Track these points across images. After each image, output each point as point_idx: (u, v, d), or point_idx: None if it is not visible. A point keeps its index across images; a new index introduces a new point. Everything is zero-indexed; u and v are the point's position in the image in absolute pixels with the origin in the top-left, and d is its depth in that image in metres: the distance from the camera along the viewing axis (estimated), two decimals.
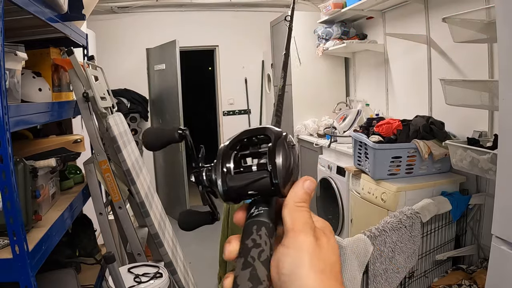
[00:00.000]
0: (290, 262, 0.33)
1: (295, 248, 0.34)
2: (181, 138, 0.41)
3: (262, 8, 5.06)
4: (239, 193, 0.38)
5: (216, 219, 0.40)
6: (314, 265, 0.33)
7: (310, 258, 0.34)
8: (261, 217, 0.36)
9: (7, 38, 1.12)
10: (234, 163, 0.39)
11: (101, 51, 3.92)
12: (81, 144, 1.82)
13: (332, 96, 4.22)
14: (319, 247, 0.35)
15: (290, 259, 0.34)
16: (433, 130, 2.49)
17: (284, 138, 0.39)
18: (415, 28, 2.99)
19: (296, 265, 0.33)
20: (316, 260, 0.34)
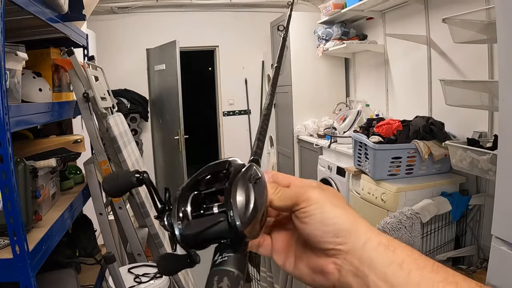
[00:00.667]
0: (332, 219, 0.35)
1: (322, 208, 0.36)
2: (140, 182, 0.37)
3: (262, 8, 5.06)
4: (199, 241, 0.34)
5: (195, 262, 0.35)
6: (346, 207, 0.37)
7: (343, 205, 0.37)
8: (225, 265, 0.32)
9: (7, 38, 1.12)
10: (193, 206, 0.35)
11: (101, 52, 3.92)
12: (81, 144, 1.82)
13: (332, 96, 4.22)
14: (334, 195, 0.38)
15: (331, 219, 0.35)
16: (433, 131, 2.49)
17: (244, 172, 0.35)
18: (415, 28, 2.99)
19: (337, 217, 0.35)
20: (344, 203, 0.37)
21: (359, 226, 0.35)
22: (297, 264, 0.40)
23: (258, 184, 0.35)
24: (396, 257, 0.33)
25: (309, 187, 0.37)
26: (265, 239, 0.41)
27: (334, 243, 0.35)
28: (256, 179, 0.36)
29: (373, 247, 0.34)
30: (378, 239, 0.35)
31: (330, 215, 0.35)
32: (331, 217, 0.35)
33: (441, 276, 0.32)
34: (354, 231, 0.35)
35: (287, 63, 4.23)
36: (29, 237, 1.17)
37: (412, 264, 0.33)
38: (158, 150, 5.07)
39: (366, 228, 0.35)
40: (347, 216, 0.36)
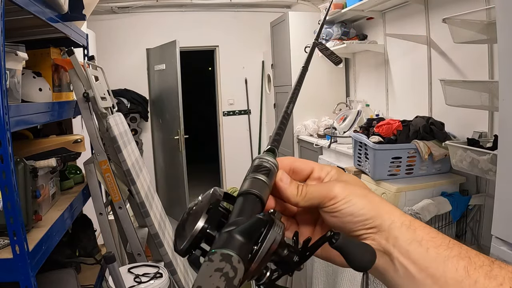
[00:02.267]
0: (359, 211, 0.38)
1: (350, 202, 0.38)
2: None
3: (262, 8, 5.06)
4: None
5: None
6: (369, 194, 0.39)
7: (366, 193, 0.39)
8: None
9: (7, 38, 1.12)
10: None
11: (101, 51, 3.92)
12: (81, 144, 1.82)
13: (332, 96, 4.22)
14: (356, 185, 0.40)
15: (359, 211, 0.38)
16: (433, 131, 2.49)
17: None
18: (415, 28, 2.99)
19: (363, 207, 0.38)
20: (366, 189, 0.40)
21: (383, 210, 0.38)
22: (324, 247, 0.40)
23: (273, 228, 0.33)
24: (416, 236, 0.37)
25: (333, 184, 0.39)
26: (291, 222, 0.44)
27: (363, 230, 0.38)
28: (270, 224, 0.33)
29: (396, 227, 0.37)
30: (401, 220, 0.38)
31: (358, 207, 0.38)
32: (359, 209, 0.38)
33: (455, 252, 0.35)
34: (380, 216, 0.38)
35: (287, 63, 4.23)
36: (29, 237, 1.17)
37: (430, 242, 0.36)
38: (158, 150, 5.07)
39: (390, 211, 0.38)
40: (373, 204, 0.38)
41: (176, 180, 4.66)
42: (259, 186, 0.37)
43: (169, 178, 4.89)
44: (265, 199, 0.37)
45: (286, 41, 4.22)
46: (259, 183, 0.38)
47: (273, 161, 0.41)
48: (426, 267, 0.35)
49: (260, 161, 0.41)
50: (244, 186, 0.38)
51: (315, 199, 0.39)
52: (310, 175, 0.43)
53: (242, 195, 0.37)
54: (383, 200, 0.40)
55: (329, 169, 0.43)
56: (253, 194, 0.36)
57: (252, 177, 0.39)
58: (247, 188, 0.37)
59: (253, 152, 5.31)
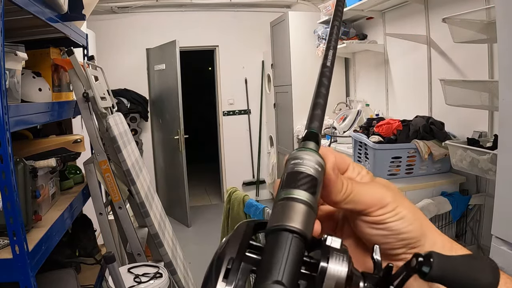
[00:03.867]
0: (407, 227, 0.32)
1: (398, 215, 0.32)
2: None
3: (262, 8, 5.06)
4: None
5: None
6: (412, 206, 0.33)
7: (410, 206, 0.33)
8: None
9: (7, 38, 1.12)
10: None
11: (101, 51, 3.92)
12: (81, 144, 1.82)
13: (332, 96, 4.18)
14: (400, 194, 0.34)
15: (406, 227, 0.32)
16: (433, 130, 2.49)
17: None
18: (415, 28, 2.99)
19: (411, 223, 0.32)
20: (407, 201, 0.34)
21: (427, 228, 0.33)
22: None
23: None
24: None
25: (385, 190, 0.33)
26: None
27: (403, 249, 0.33)
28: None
29: (439, 249, 0.32)
30: (442, 240, 0.33)
31: (407, 223, 0.32)
32: (407, 225, 0.32)
33: (502, 280, 0.31)
34: (424, 235, 0.33)
35: (287, 63, 4.23)
36: (28, 237, 1.17)
37: None
38: (158, 150, 5.07)
39: (432, 229, 0.34)
40: (419, 220, 0.33)
41: (176, 180, 4.65)
42: (300, 214, 0.26)
43: (169, 178, 4.89)
44: (310, 235, 0.26)
45: (286, 41, 4.22)
46: (299, 210, 0.26)
47: (318, 161, 0.29)
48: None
49: (297, 164, 0.28)
50: (275, 215, 0.26)
51: (360, 203, 0.32)
52: (344, 173, 0.35)
53: (272, 234, 0.25)
54: (423, 215, 0.34)
55: (360, 169, 0.36)
56: (290, 230, 0.25)
57: (287, 197, 0.27)
58: (280, 223, 0.25)
59: (253, 152, 5.32)
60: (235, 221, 2.39)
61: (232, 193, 2.45)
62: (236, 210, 2.37)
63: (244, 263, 0.26)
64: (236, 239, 0.27)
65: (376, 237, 0.32)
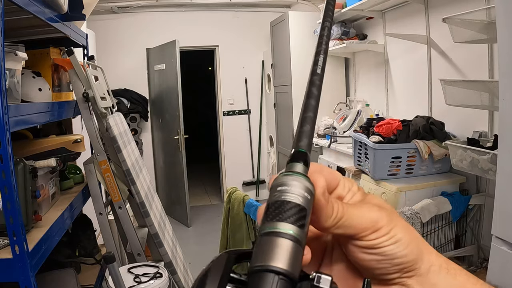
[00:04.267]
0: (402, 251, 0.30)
1: (394, 238, 0.30)
2: None
3: (262, 8, 5.06)
4: None
5: None
6: (408, 226, 0.31)
7: (406, 226, 0.31)
8: None
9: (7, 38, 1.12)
10: None
11: (101, 51, 3.92)
12: (81, 144, 1.82)
13: (332, 96, 4.22)
14: (395, 214, 0.31)
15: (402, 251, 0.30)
16: (433, 130, 2.49)
17: None
18: (415, 28, 2.99)
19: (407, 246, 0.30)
20: (402, 220, 0.31)
21: (424, 249, 0.31)
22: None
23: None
24: (458, 282, 0.31)
25: (379, 212, 0.30)
26: None
27: (398, 273, 0.30)
28: None
29: (436, 271, 0.31)
30: (439, 262, 0.31)
31: (403, 245, 0.30)
32: (404, 248, 0.30)
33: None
34: (420, 258, 0.30)
35: (287, 63, 4.23)
36: (28, 237, 1.17)
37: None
38: (158, 150, 5.07)
39: (429, 251, 0.31)
40: (416, 241, 0.31)
41: (176, 180, 4.65)
42: (287, 253, 0.23)
43: (169, 178, 4.89)
44: (297, 274, 0.23)
45: (286, 41, 4.21)
46: (285, 248, 0.23)
47: (306, 187, 0.25)
48: None
49: (283, 191, 0.25)
50: (258, 253, 0.23)
51: (352, 227, 0.29)
52: (334, 190, 0.32)
53: (255, 275, 0.22)
54: (419, 235, 0.32)
55: (350, 185, 0.33)
56: (276, 272, 0.22)
57: (272, 231, 0.23)
58: (264, 263, 0.22)
59: (253, 152, 5.32)
60: (235, 221, 2.39)
61: (232, 193, 2.45)
62: (236, 210, 2.37)
63: None
64: (217, 271, 0.24)
65: (369, 263, 0.30)
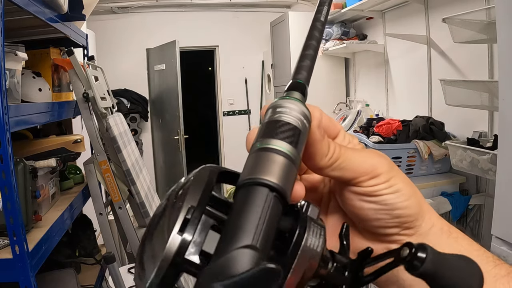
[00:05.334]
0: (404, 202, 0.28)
1: (395, 187, 0.28)
2: None
3: (262, 8, 5.06)
4: None
5: None
6: (412, 183, 0.29)
7: (409, 181, 0.29)
8: None
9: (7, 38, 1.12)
10: None
11: (101, 51, 3.92)
12: (81, 144, 1.82)
13: (332, 96, 4.22)
14: (397, 168, 0.29)
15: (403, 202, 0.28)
16: (433, 131, 2.49)
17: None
18: (415, 28, 2.99)
19: (409, 198, 0.28)
20: (406, 177, 0.29)
21: (425, 207, 0.29)
22: (329, 242, 0.32)
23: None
24: (460, 246, 0.29)
25: (378, 158, 0.28)
26: None
27: (400, 228, 0.29)
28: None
29: (436, 233, 0.29)
30: (440, 224, 0.30)
31: (404, 196, 0.28)
32: (405, 199, 0.28)
33: (504, 271, 0.29)
34: (422, 214, 0.29)
35: (287, 63, 4.23)
36: (28, 237, 1.17)
37: (476, 256, 0.28)
38: (158, 150, 5.07)
39: (430, 211, 0.30)
40: (417, 196, 0.29)
41: (176, 180, 4.62)
42: (280, 168, 0.21)
43: (169, 178, 4.89)
44: (290, 194, 0.21)
45: (286, 41, 4.22)
46: (278, 163, 0.21)
47: (303, 111, 0.25)
48: None
49: (278, 112, 0.23)
50: (248, 167, 0.22)
51: (348, 171, 0.27)
52: (334, 139, 0.31)
53: (245, 188, 0.21)
54: (421, 194, 0.30)
55: (351, 138, 0.31)
56: (269, 186, 0.20)
57: (263, 147, 0.22)
58: (256, 175, 0.20)
59: None
60: None
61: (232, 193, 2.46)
62: None
63: (205, 216, 0.21)
64: (198, 185, 0.22)
65: (366, 212, 0.28)
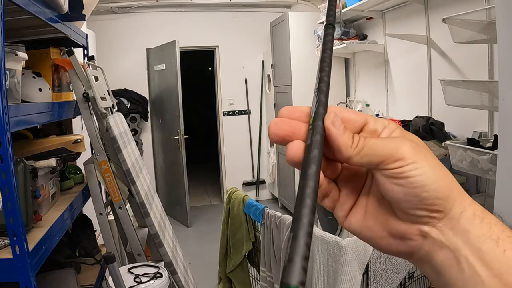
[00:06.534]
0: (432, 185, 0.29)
1: (422, 169, 0.29)
2: None
3: (262, 8, 5.06)
4: None
5: None
6: (442, 167, 0.31)
7: (439, 165, 0.30)
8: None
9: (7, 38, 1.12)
10: None
11: (101, 51, 3.92)
12: (81, 144, 1.82)
13: (332, 96, 4.20)
14: (427, 150, 0.31)
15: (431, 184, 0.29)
16: (433, 131, 2.49)
17: None
18: (415, 28, 2.99)
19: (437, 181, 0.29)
20: (437, 160, 0.31)
21: (456, 191, 0.30)
22: (367, 222, 0.34)
23: None
24: (492, 232, 0.29)
25: (401, 142, 0.30)
26: (332, 188, 0.34)
27: (429, 211, 0.30)
28: None
29: (468, 218, 0.30)
30: (473, 209, 0.30)
31: (431, 179, 0.29)
32: (432, 182, 0.29)
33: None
34: (453, 198, 0.30)
35: (287, 63, 4.23)
36: (29, 237, 1.17)
37: (507, 242, 0.29)
38: (158, 150, 5.07)
39: (462, 195, 0.31)
40: (446, 179, 0.30)
41: (176, 180, 4.65)
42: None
43: (169, 178, 4.89)
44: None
45: (286, 41, 4.22)
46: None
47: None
48: (501, 272, 0.28)
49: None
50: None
51: (375, 156, 0.30)
52: (364, 127, 0.33)
53: None
54: (454, 178, 0.31)
55: (387, 123, 0.33)
56: None
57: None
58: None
59: (253, 152, 5.31)
60: (235, 221, 2.39)
61: (232, 193, 2.45)
62: (236, 210, 2.37)
63: None
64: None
65: (396, 194, 0.30)
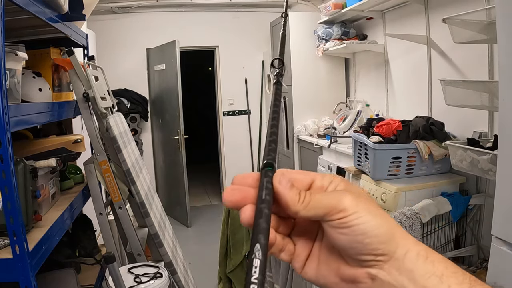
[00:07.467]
0: (373, 231, 0.32)
1: (362, 218, 0.32)
2: None
3: (262, 8, 5.06)
4: None
5: None
6: (383, 213, 0.34)
7: (380, 212, 0.33)
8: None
9: (7, 38, 1.12)
10: None
11: (101, 51, 3.92)
12: (81, 144, 1.82)
13: (332, 96, 4.22)
14: (368, 200, 0.34)
15: (373, 231, 0.32)
16: (433, 131, 2.49)
17: None
18: (415, 28, 2.99)
19: (378, 227, 0.32)
20: (378, 208, 0.34)
21: (399, 235, 0.33)
22: (321, 271, 0.37)
23: None
24: (436, 269, 0.32)
25: (343, 194, 0.33)
26: (287, 242, 0.38)
27: (374, 255, 0.33)
28: None
29: (412, 258, 0.33)
30: (417, 249, 0.33)
31: (372, 226, 0.32)
32: (373, 229, 0.32)
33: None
34: (396, 241, 0.33)
35: (287, 63, 4.23)
36: (29, 237, 1.17)
37: (451, 278, 0.32)
38: (158, 150, 5.07)
39: (405, 237, 0.34)
40: (387, 225, 0.33)
41: (176, 180, 4.65)
42: None
43: (169, 178, 4.89)
44: None
45: (286, 41, 4.21)
46: None
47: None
48: None
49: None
50: None
51: (320, 209, 0.33)
52: (312, 184, 0.36)
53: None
54: (397, 224, 0.34)
55: (332, 178, 0.37)
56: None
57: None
58: None
59: (253, 152, 5.31)
60: (235, 221, 2.39)
61: None
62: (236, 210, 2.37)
63: None
64: None
65: (342, 242, 0.33)
